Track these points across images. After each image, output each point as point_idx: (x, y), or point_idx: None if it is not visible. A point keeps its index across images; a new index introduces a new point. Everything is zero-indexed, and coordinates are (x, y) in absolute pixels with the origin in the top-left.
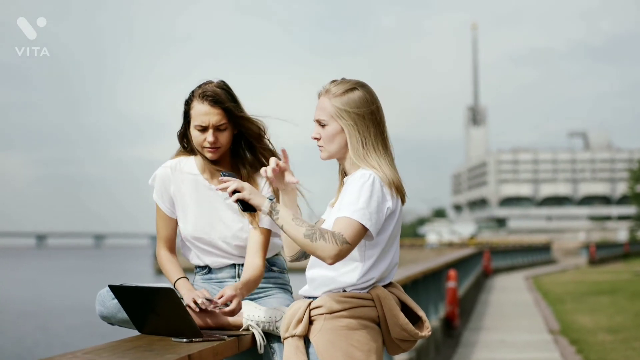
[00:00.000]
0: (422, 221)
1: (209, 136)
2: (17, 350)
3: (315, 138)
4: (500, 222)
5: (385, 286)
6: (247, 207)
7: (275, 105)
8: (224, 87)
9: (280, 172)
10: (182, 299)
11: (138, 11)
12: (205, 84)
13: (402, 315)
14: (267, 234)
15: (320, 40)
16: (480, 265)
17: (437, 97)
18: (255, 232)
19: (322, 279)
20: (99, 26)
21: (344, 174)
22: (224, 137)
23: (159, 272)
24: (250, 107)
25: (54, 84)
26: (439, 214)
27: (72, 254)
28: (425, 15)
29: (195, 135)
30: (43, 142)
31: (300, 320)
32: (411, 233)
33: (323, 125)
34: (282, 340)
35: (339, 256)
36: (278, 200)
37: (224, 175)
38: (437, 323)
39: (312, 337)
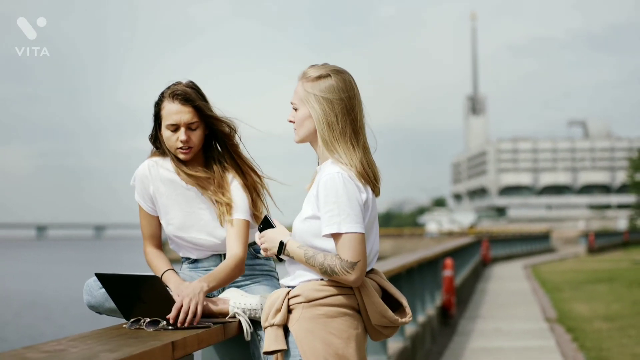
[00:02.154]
0: (422, 210)
1: (181, 135)
2: (24, 340)
3: (291, 121)
4: (500, 211)
5: (366, 273)
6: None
7: (275, 102)
8: (193, 86)
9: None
10: (167, 287)
11: (141, 4)
12: (174, 84)
13: (381, 302)
14: (245, 225)
15: (319, 32)
16: (478, 254)
17: (436, 87)
18: (232, 224)
19: (300, 269)
20: (101, 19)
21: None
22: (196, 137)
23: None
24: (251, 103)
25: (56, 76)
26: (439, 203)
27: (73, 245)
28: (425, 6)
29: (167, 136)
30: (43, 134)
31: (278, 310)
32: (411, 222)
33: (296, 109)
34: (263, 329)
35: (358, 279)
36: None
37: (261, 227)
38: (433, 312)
39: (290, 326)
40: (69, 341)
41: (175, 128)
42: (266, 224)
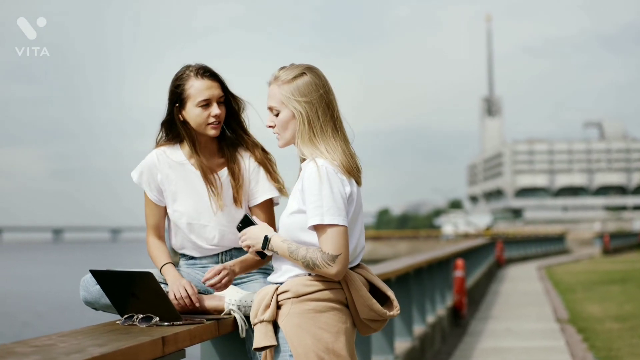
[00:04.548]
0: (438, 212)
1: (215, 109)
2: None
3: (270, 126)
4: (516, 213)
5: (353, 268)
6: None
7: None
8: (208, 66)
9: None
10: (163, 283)
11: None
12: (188, 65)
13: (369, 296)
14: (269, 205)
15: (333, 32)
16: (492, 255)
17: (452, 88)
18: (258, 210)
19: (287, 264)
20: (107, 20)
21: (302, 158)
22: (224, 111)
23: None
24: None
25: (68, 79)
26: (455, 205)
27: (89, 248)
28: (440, 6)
29: (197, 113)
30: (57, 137)
31: (268, 306)
32: (427, 224)
33: (276, 114)
34: (252, 326)
35: (340, 272)
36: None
37: (240, 226)
38: (443, 312)
39: (280, 322)
40: (59, 336)
41: (206, 104)
42: (246, 223)
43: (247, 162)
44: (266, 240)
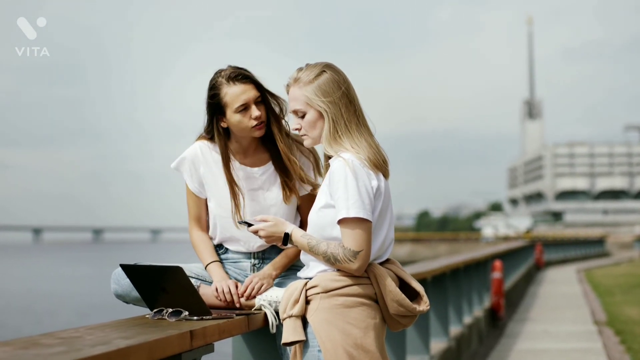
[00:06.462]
0: (478, 215)
1: (255, 111)
2: None
3: (297, 129)
4: (557, 216)
5: (382, 263)
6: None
7: None
8: (239, 67)
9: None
10: (192, 277)
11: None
12: (220, 71)
13: (398, 291)
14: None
15: (374, 35)
16: (531, 257)
17: (493, 91)
18: (305, 199)
19: (316, 260)
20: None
21: (328, 155)
22: (264, 110)
23: None
24: None
25: (106, 80)
26: (495, 207)
27: (128, 248)
28: (481, 10)
29: (238, 119)
30: (96, 137)
31: (296, 301)
32: (467, 227)
33: (301, 115)
34: (281, 321)
35: (361, 268)
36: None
37: (241, 223)
38: (480, 313)
39: (309, 317)
40: (87, 329)
41: (244, 108)
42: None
43: (297, 154)
44: (287, 236)
